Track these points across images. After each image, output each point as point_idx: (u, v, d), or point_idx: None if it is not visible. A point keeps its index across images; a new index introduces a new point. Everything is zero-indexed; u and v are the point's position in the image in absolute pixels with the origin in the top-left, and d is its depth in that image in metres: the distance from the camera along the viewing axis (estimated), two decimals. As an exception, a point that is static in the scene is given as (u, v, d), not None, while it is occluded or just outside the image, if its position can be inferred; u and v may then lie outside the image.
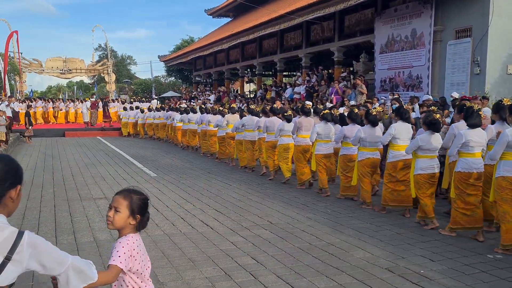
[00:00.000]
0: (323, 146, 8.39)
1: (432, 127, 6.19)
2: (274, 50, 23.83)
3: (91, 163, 12.24)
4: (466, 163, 5.65)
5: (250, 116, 11.03)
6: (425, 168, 6.19)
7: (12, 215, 5.72)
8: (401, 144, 6.72)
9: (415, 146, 6.20)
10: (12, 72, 37.06)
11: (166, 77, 51.84)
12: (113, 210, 2.35)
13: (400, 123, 6.92)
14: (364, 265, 4.64)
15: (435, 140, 6.18)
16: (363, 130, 7.28)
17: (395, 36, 15.30)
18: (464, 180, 5.65)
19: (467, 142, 5.61)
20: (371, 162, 7.32)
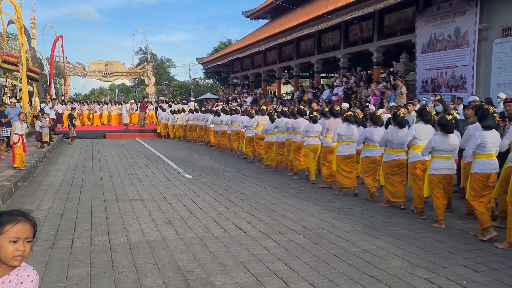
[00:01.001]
0: (344, 147, 8.42)
1: (443, 128, 6.25)
2: (312, 51, 23.60)
3: (128, 164, 12.45)
4: (482, 164, 5.72)
5: (282, 118, 11.16)
6: (439, 168, 6.24)
7: (50, 216, 5.88)
8: (421, 145, 6.78)
9: (429, 147, 6.31)
10: (57, 75, 38.45)
11: (204, 79, 52.47)
12: (22, 242, 1.90)
13: (422, 124, 7.00)
14: (402, 274, 4.42)
15: (451, 141, 6.23)
16: (390, 131, 7.34)
17: (438, 35, 14.79)
18: (481, 181, 5.71)
19: (482, 143, 5.69)
20: (397, 163, 7.33)
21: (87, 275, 4.34)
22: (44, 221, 6.35)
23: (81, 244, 5.33)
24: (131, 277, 4.30)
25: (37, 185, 9.26)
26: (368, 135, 7.88)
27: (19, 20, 19.29)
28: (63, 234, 5.74)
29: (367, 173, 7.92)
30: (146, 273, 4.40)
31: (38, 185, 9.26)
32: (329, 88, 20.06)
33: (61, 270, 4.47)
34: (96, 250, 5.10)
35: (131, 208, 7.23)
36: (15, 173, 9.29)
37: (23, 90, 19.62)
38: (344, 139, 8.42)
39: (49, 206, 7.29)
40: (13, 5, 18.70)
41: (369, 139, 7.86)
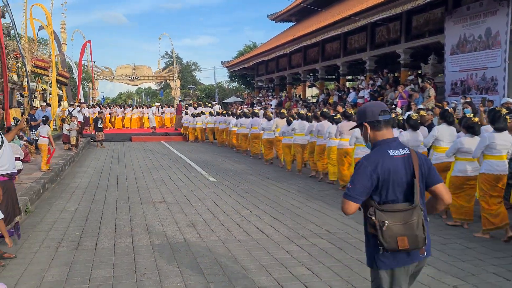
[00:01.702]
0: (362, 150, 8.35)
1: (470, 130, 6.30)
2: (337, 54, 23.37)
3: (153, 167, 12.56)
4: (490, 165, 5.83)
5: (300, 120, 11.34)
6: (463, 170, 6.27)
7: (76, 217, 5.95)
8: (443, 146, 6.87)
9: (454, 149, 6.33)
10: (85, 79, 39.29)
11: (229, 83, 52.70)
12: None
13: (444, 126, 7.09)
14: (429, 282, 4.28)
15: (474, 144, 6.17)
16: (404, 134, 7.47)
17: (468, 36, 14.41)
18: (489, 182, 5.82)
19: (491, 145, 5.79)
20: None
21: (110, 277, 4.36)
22: (69, 222, 6.45)
23: (105, 245, 5.38)
24: (153, 279, 4.29)
25: (64, 187, 9.43)
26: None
27: (49, 26, 19.80)
28: (88, 235, 5.81)
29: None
30: (168, 276, 4.39)
31: (65, 187, 9.43)
32: (354, 90, 19.81)
33: (85, 271, 4.50)
34: (120, 252, 5.12)
35: (155, 210, 7.27)
36: (43, 175, 9.49)
37: (53, 94, 20.11)
38: (361, 141, 8.32)
39: (75, 208, 7.40)
40: (44, 11, 19.20)
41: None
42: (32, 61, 17.88)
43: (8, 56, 15.94)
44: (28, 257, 4.88)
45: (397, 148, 2.69)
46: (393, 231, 2.51)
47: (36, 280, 4.27)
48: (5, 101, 12.40)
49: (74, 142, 14.78)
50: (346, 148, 9.10)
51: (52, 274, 4.43)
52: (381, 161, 2.62)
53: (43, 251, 5.14)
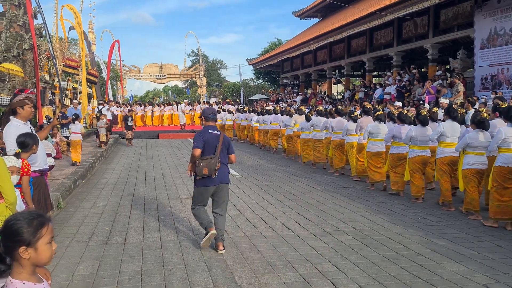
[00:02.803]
0: (374, 144, 8.85)
1: (480, 125, 6.50)
2: (363, 50, 23.11)
3: (180, 164, 12.73)
4: (505, 158, 5.97)
5: (318, 117, 11.83)
6: (472, 163, 6.54)
7: (105, 213, 6.09)
8: (448, 141, 7.17)
9: (464, 144, 6.59)
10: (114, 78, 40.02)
11: (254, 80, 52.72)
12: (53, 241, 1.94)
13: (449, 122, 7.30)
14: (458, 280, 4.21)
15: (484, 138, 6.47)
16: (414, 129, 7.73)
17: (498, 29, 14.03)
18: (504, 174, 5.97)
19: (507, 138, 5.96)
20: (421, 159, 7.73)
21: (139, 271, 4.46)
22: (99, 217, 6.62)
23: (133, 240, 5.50)
24: (181, 274, 4.38)
25: (94, 183, 9.67)
26: (395, 133, 8.20)
27: (79, 26, 20.26)
28: (117, 230, 5.95)
29: (394, 168, 8.27)
30: (195, 270, 4.46)
31: (95, 183, 9.67)
32: (381, 87, 19.55)
33: (115, 265, 4.62)
34: (148, 247, 5.23)
35: (182, 206, 7.38)
36: (74, 171, 9.75)
37: (83, 93, 20.58)
38: (374, 136, 8.83)
39: (105, 204, 7.59)
40: (73, 12, 19.64)
41: (396, 137, 8.18)
42: (63, 61, 18.34)
43: (40, 56, 16.40)
44: (60, 251, 5.04)
45: (214, 130, 5.21)
46: (202, 166, 4.98)
47: (68, 274, 4.41)
48: (38, 99, 12.76)
49: (103, 139, 15.11)
50: (363, 143, 9.42)
51: (83, 268, 4.56)
52: (206, 135, 5.11)
53: (74, 246, 5.30)
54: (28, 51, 16.06)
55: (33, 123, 10.78)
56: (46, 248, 1.86)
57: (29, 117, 4.94)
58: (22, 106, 4.77)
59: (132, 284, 4.15)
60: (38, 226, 1.85)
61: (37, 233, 1.84)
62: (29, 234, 1.82)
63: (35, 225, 1.84)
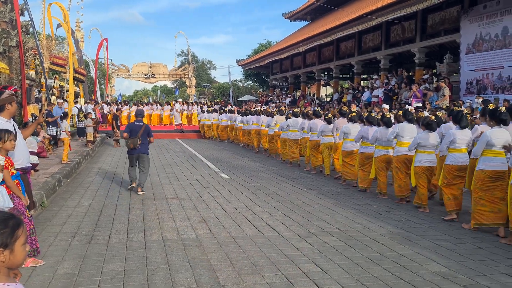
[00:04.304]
0: (349, 144, 9.43)
1: (429, 127, 7.23)
2: (352, 53, 23.26)
3: (167, 164, 12.68)
4: (454, 158, 6.71)
5: (294, 118, 12.65)
6: (422, 161, 7.21)
7: (90, 212, 6.03)
8: (404, 141, 7.77)
9: (415, 143, 7.26)
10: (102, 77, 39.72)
11: (244, 81, 52.74)
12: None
13: (405, 123, 7.93)
14: (439, 281, 4.26)
15: (432, 139, 7.18)
16: (379, 130, 8.28)
17: (484, 35, 14.23)
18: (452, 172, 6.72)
19: (455, 140, 6.67)
20: (386, 158, 8.28)
21: (122, 270, 4.43)
22: (83, 217, 6.56)
23: (117, 240, 5.46)
24: (164, 274, 4.36)
25: (80, 182, 9.58)
26: (363, 133, 8.75)
27: (67, 24, 20.06)
28: (101, 230, 5.90)
29: (363, 166, 8.77)
30: (179, 270, 4.45)
31: (80, 182, 9.58)
32: (369, 89, 19.70)
33: (97, 265, 4.59)
34: (132, 246, 5.20)
35: (168, 206, 7.35)
36: (59, 170, 9.65)
37: (70, 91, 20.37)
38: (347, 136, 9.44)
39: (89, 203, 7.52)
40: (61, 9, 19.45)
41: (364, 137, 8.71)
42: (50, 59, 18.14)
43: (26, 53, 16.22)
44: (42, 250, 4.98)
45: (139, 123, 8.56)
46: (129, 143, 8.37)
47: (50, 273, 4.36)
48: (23, 97, 12.62)
49: (90, 138, 14.98)
50: (338, 143, 10.11)
51: (65, 267, 4.52)
52: (132, 125, 8.63)
53: (56, 245, 5.24)
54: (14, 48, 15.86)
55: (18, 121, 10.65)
56: (22, 249, 1.79)
57: (13, 114, 4.88)
58: (11, 102, 4.71)
59: (114, 283, 4.12)
60: (15, 227, 1.77)
61: (14, 234, 1.76)
62: (6, 235, 1.75)
63: (11, 226, 1.76)
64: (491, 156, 5.95)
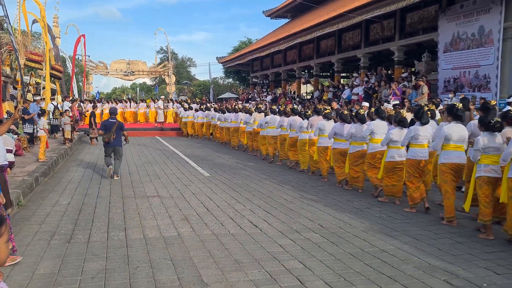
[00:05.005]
0: (324, 140, 9.75)
1: (400, 124, 7.52)
2: (332, 51, 23.40)
3: (147, 162, 12.55)
4: (414, 152, 7.05)
5: (272, 115, 12.89)
6: (393, 156, 7.50)
7: (69, 211, 5.93)
8: (377, 138, 8.07)
9: (387, 139, 7.54)
10: (80, 74, 39.07)
11: (224, 79, 52.60)
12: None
13: (378, 121, 8.24)
14: (420, 275, 4.32)
15: (403, 135, 7.36)
16: (354, 127, 8.55)
17: (461, 33, 14.48)
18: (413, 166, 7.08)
19: (416, 136, 7.05)
20: (360, 154, 8.54)
21: (103, 269, 4.36)
22: (62, 216, 6.44)
23: (97, 238, 5.38)
24: (146, 272, 4.31)
25: (57, 180, 9.40)
26: (337, 130, 9.04)
27: (43, 19, 19.66)
28: (81, 228, 5.80)
29: (337, 162, 9.11)
30: (161, 269, 4.40)
31: (58, 180, 9.40)
32: (349, 87, 19.86)
33: (77, 264, 4.51)
34: (113, 245, 5.13)
35: (149, 204, 7.27)
36: (36, 168, 9.45)
37: (46, 88, 19.98)
38: (322, 132, 9.75)
39: (68, 202, 7.39)
40: (37, 4, 19.05)
41: (338, 134, 9.01)
42: (25, 55, 17.77)
43: (1, 49, 15.84)
44: (20, 249, 4.87)
45: (113, 119, 9.89)
46: (104, 138, 9.73)
47: (28, 272, 4.26)
48: (-2, 94, 12.31)
49: (68, 136, 14.73)
50: (313, 139, 10.40)
51: (44, 267, 4.43)
52: (106, 122, 9.94)
53: (35, 244, 5.13)
54: (-12, 43, 15.47)
55: (-8, 118, 10.36)
56: (5, 247, 1.75)
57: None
58: None
59: (95, 283, 4.06)
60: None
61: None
62: None
63: None
64: (450, 150, 6.35)
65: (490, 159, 5.73)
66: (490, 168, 5.72)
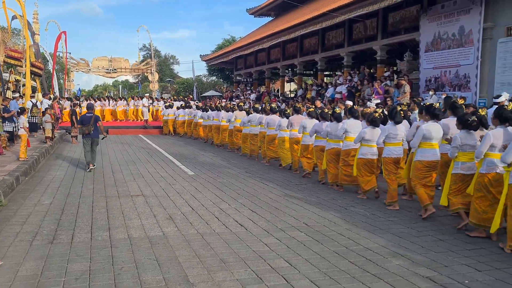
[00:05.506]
0: (308, 138, 9.92)
1: (373, 123, 7.77)
2: (315, 49, 23.51)
3: (131, 160, 12.44)
4: (389, 150, 7.32)
5: (255, 114, 13.08)
6: (365, 154, 7.77)
7: (51, 211, 5.85)
8: (351, 136, 8.32)
9: (360, 137, 7.80)
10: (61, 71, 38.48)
11: (208, 77, 52.41)
12: None
13: (352, 120, 8.49)
14: (403, 273, 4.39)
15: (375, 134, 7.68)
16: (330, 125, 8.82)
17: (442, 33, 14.69)
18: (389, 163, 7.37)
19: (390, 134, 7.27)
20: (335, 151, 8.76)
21: (87, 270, 4.32)
22: (44, 216, 6.35)
23: (81, 239, 5.32)
24: (131, 273, 4.28)
25: (39, 179, 9.26)
26: (317, 128, 9.30)
27: (23, 15, 19.28)
28: (64, 229, 5.73)
29: (318, 158, 9.41)
30: (146, 269, 4.38)
31: (39, 179, 9.26)
32: (332, 86, 19.98)
33: (61, 265, 4.45)
34: (96, 245, 5.08)
35: (133, 203, 7.21)
36: (17, 168, 9.29)
37: (27, 85, 19.62)
38: (307, 131, 9.86)
39: (50, 201, 7.28)
40: (17, 1, 18.69)
41: (318, 132, 9.27)
42: (5, 51, 17.39)
43: (-21, 46, 15.47)
44: (1, 251, 4.79)
45: (89, 114, 10.59)
46: (84, 130, 10.47)
47: (10, 274, 4.20)
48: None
49: (49, 135, 14.50)
50: (297, 137, 10.54)
51: (27, 268, 4.36)
52: (84, 117, 10.65)
53: (17, 245, 5.05)
54: (-34, 40, 15.11)
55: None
56: None
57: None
58: None
59: (79, 284, 4.01)
60: None
61: None
62: None
63: None
64: (427, 148, 6.64)
65: (467, 156, 5.93)
66: (467, 166, 5.95)
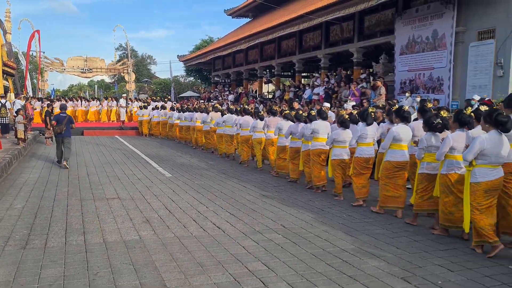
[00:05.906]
0: (283, 139, 10.11)
1: (343, 125, 8.02)
2: (293, 51, 23.66)
3: (107, 162, 12.27)
4: (361, 150, 7.55)
5: (230, 114, 13.32)
6: (338, 155, 8.05)
7: (24, 215, 5.71)
8: (320, 137, 8.58)
9: (331, 139, 8.08)
10: (34, 71, 37.64)
11: (185, 77, 52.09)
12: None
13: (320, 121, 8.72)
14: (379, 274, 4.45)
15: (346, 135, 7.97)
16: (305, 127, 8.97)
17: (416, 37, 14.99)
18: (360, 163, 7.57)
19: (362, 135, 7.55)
20: (307, 152, 8.90)
21: (61, 276, 4.24)
22: (17, 220, 6.20)
23: (55, 244, 5.22)
24: (107, 278, 4.22)
25: (11, 182, 9.04)
26: (292, 129, 9.47)
27: (-6, 14, 18.78)
28: (37, 233, 5.61)
29: (293, 160, 9.58)
30: (122, 274, 4.33)
31: (12, 182, 9.05)
32: (310, 87, 20.13)
33: (34, 271, 4.36)
34: (71, 250, 4.99)
35: (108, 207, 7.12)
36: (-12, 171, 9.05)
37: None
38: (282, 132, 10.01)
39: (23, 205, 7.12)
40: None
41: (293, 133, 9.44)
42: (-25, 51, 16.91)
43: None
44: (-27, 257, 4.67)
45: (63, 114, 11.36)
46: (56, 129, 11.29)
47: (-18, 281, 4.09)
48: None
49: (21, 136, 14.17)
50: (272, 139, 10.84)
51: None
52: (58, 116, 11.36)
53: (-12, 251, 4.93)
54: None
55: None
56: None
57: None
58: None
59: (54, 290, 3.94)
60: None
61: None
62: None
63: None
64: (397, 149, 6.88)
65: (432, 157, 6.10)
66: (431, 166, 6.14)
